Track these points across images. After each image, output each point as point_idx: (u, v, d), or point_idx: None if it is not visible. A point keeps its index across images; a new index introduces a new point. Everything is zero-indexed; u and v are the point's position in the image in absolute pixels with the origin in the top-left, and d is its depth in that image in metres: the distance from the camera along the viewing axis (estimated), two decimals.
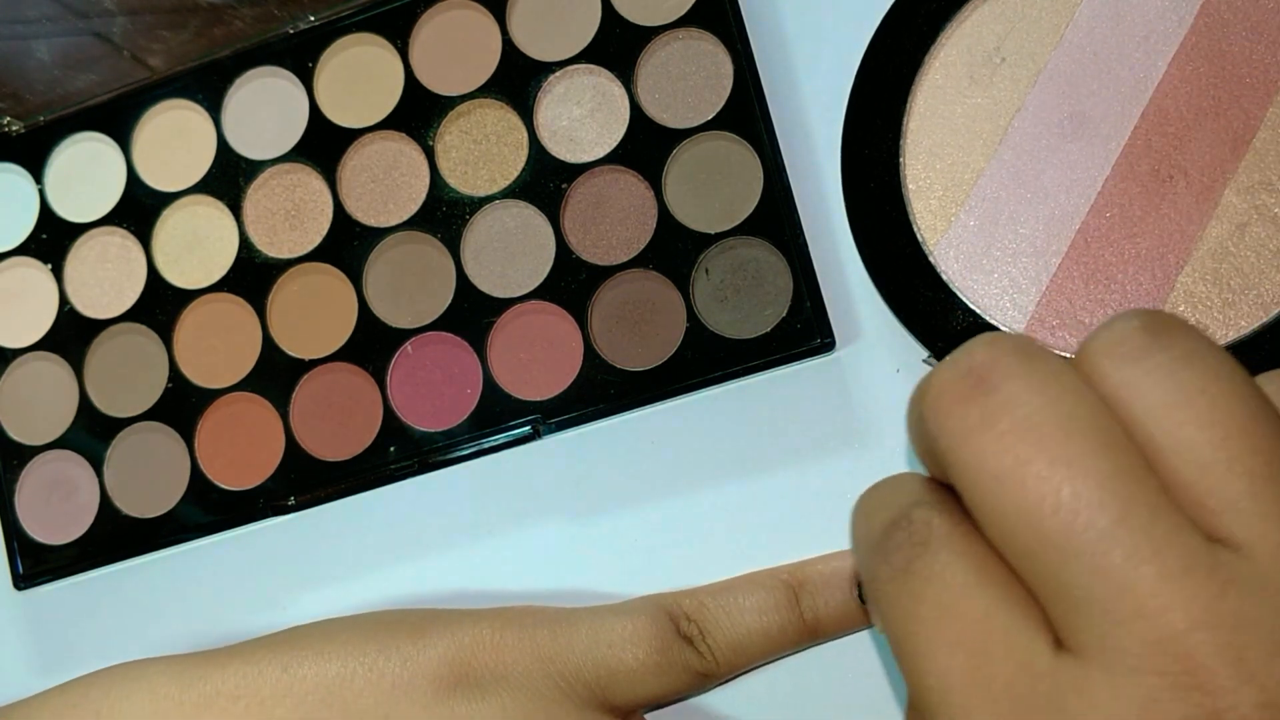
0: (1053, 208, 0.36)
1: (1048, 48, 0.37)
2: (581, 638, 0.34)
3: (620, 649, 0.33)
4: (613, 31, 0.40)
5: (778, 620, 0.34)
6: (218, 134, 0.43)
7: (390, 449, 0.41)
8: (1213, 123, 0.36)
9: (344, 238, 0.42)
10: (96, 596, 0.43)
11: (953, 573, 0.22)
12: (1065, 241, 0.36)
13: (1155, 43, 0.37)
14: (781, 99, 0.40)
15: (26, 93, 0.44)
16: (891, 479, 0.26)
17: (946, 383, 0.23)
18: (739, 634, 0.34)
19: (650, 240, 0.39)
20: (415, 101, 0.42)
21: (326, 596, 0.41)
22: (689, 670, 0.34)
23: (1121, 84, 0.37)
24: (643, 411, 0.39)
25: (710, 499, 0.39)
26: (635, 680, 0.33)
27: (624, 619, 0.34)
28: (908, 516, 0.23)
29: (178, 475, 0.42)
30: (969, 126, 0.37)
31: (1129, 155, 0.36)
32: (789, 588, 0.35)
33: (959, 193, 0.37)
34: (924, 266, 0.37)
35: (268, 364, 0.42)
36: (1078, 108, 0.37)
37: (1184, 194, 0.36)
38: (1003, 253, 0.37)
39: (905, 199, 0.37)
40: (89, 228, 0.44)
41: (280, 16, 0.43)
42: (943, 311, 0.36)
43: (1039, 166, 0.37)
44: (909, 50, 0.38)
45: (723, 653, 0.34)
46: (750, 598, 0.35)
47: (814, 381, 0.38)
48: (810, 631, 0.35)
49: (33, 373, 0.44)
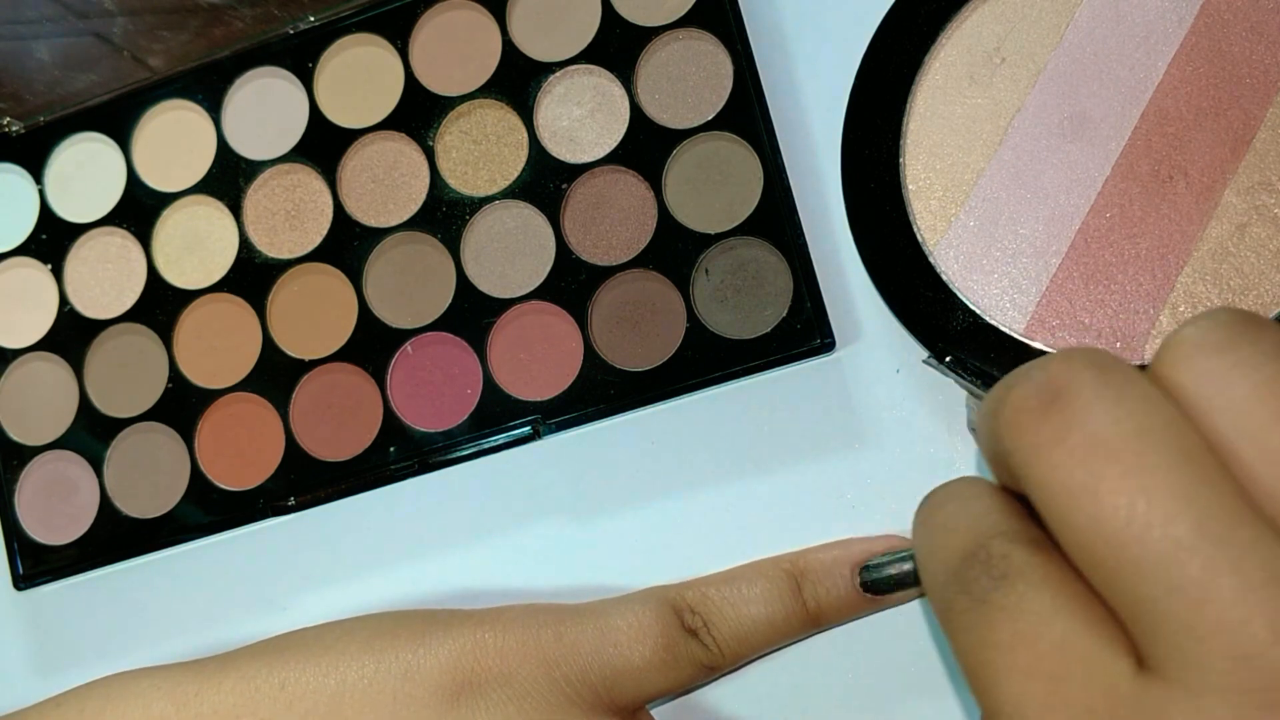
0: (1053, 208, 0.36)
1: (1048, 48, 0.37)
2: (586, 638, 0.33)
3: (626, 648, 0.33)
4: (613, 32, 0.40)
5: (781, 609, 0.34)
6: (218, 134, 0.43)
7: (390, 449, 0.41)
8: (1213, 123, 0.36)
9: (344, 238, 0.42)
10: (96, 596, 0.43)
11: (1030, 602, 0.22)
12: (1065, 242, 0.36)
13: (1155, 43, 0.37)
14: (781, 99, 0.40)
15: (26, 93, 0.44)
16: (959, 490, 0.26)
17: (1021, 399, 0.22)
18: (743, 624, 0.34)
19: (650, 240, 0.39)
20: (415, 102, 0.42)
21: (326, 596, 0.41)
22: (695, 663, 0.34)
23: (1121, 84, 0.37)
24: (643, 411, 0.39)
25: (710, 499, 0.39)
26: (641, 678, 0.33)
27: (628, 615, 0.34)
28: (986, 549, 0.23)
29: (178, 475, 0.42)
30: (969, 127, 0.37)
31: (1129, 156, 0.36)
32: (791, 576, 0.35)
33: (959, 193, 0.37)
34: (924, 267, 0.37)
35: (268, 364, 0.42)
36: (1078, 108, 0.37)
37: (1184, 194, 0.36)
38: (1003, 253, 0.37)
39: (905, 199, 0.37)
40: (89, 228, 0.44)
41: (280, 17, 0.43)
42: (943, 312, 0.36)
43: (1039, 167, 0.37)
44: (909, 50, 0.38)
45: (727, 644, 0.34)
46: (753, 587, 0.34)
47: (814, 381, 0.38)
48: (813, 619, 0.35)
49: (33, 373, 0.44)
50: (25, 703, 0.37)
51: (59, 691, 0.36)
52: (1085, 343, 0.35)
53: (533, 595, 0.39)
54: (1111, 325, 0.35)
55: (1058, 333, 0.36)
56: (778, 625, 0.34)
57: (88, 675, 0.43)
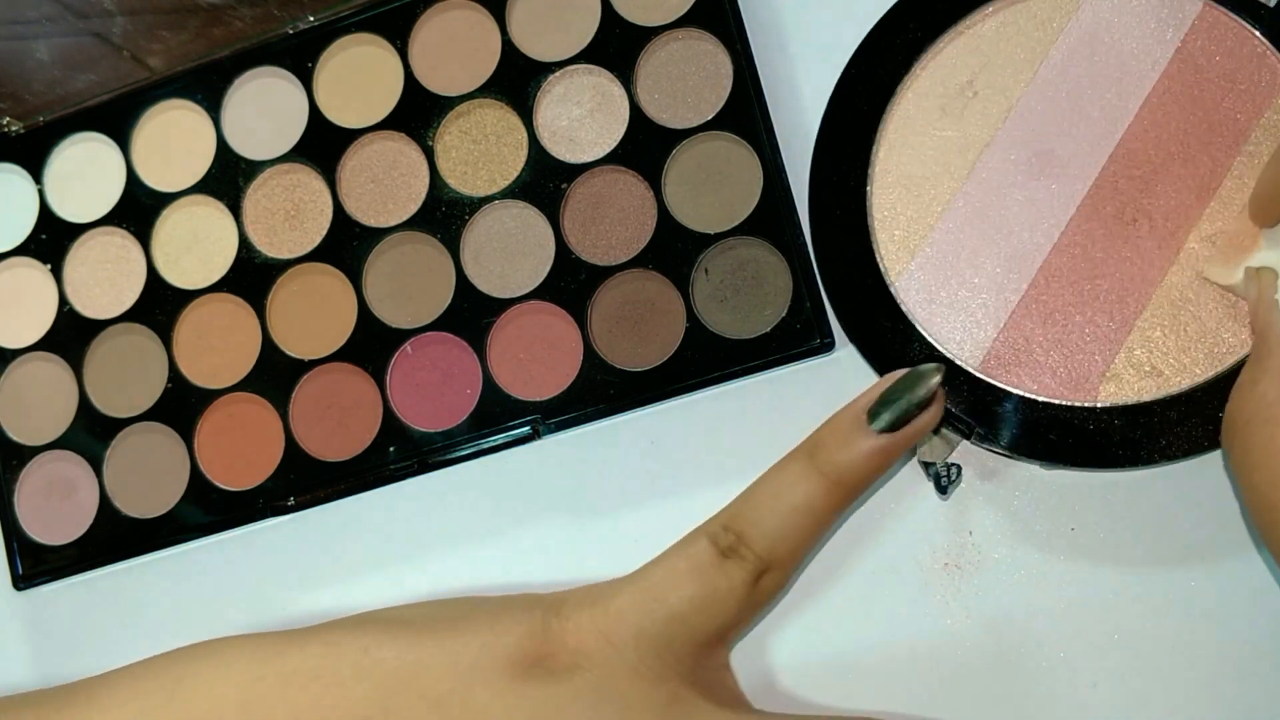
0: (1015, 245, 0.36)
1: (1021, 84, 0.37)
2: (631, 602, 0.34)
3: (665, 597, 0.33)
4: (612, 31, 0.40)
5: (804, 489, 0.33)
6: (217, 134, 0.43)
7: (390, 449, 0.41)
8: (1180, 169, 0.36)
9: (344, 238, 0.42)
10: (96, 596, 0.43)
11: None
12: (1026, 280, 0.36)
13: (1128, 85, 0.36)
14: (781, 99, 0.40)
15: (26, 93, 0.44)
16: None
17: None
18: (773, 521, 0.33)
19: (650, 240, 0.39)
20: (415, 101, 0.42)
21: (326, 596, 0.41)
22: (742, 582, 0.33)
23: (1092, 124, 0.36)
24: (643, 411, 0.39)
25: (710, 499, 0.38)
26: (691, 622, 0.33)
27: (665, 565, 0.34)
28: None
29: (177, 475, 0.42)
30: (938, 159, 0.37)
31: (1095, 196, 0.36)
32: (806, 455, 0.34)
33: (924, 225, 0.37)
34: (884, 296, 0.37)
35: (268, 364, 0.42)
36: (1047, 146, 0.37)
37: (1147, 238, 0.36)
38: (963, 287, 0.37)
39: (870, 228, 0.37)
40: (89, 228, 0.44)
41: (280, 17, 0.43)
42: (901, 342, 0.36)
43: (1005, 203, 0.37)
44: (883, 79, 0.38)
45: (765, 547, 0.33)
46: (773, 480, 0.34)
47: (814, 381, 0.38)
48: (838, 485, 0.34)
49: (33, 373, 0.44)
50: None
51: None
52: (1040, 380, 0.35)
53: None
54: (1066, 365, 0.35)
55: (1013, 369, 0.36)
56: (806, 507, 0.33)
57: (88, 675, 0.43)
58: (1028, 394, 0.35)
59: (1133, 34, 0.37)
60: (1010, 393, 0.35)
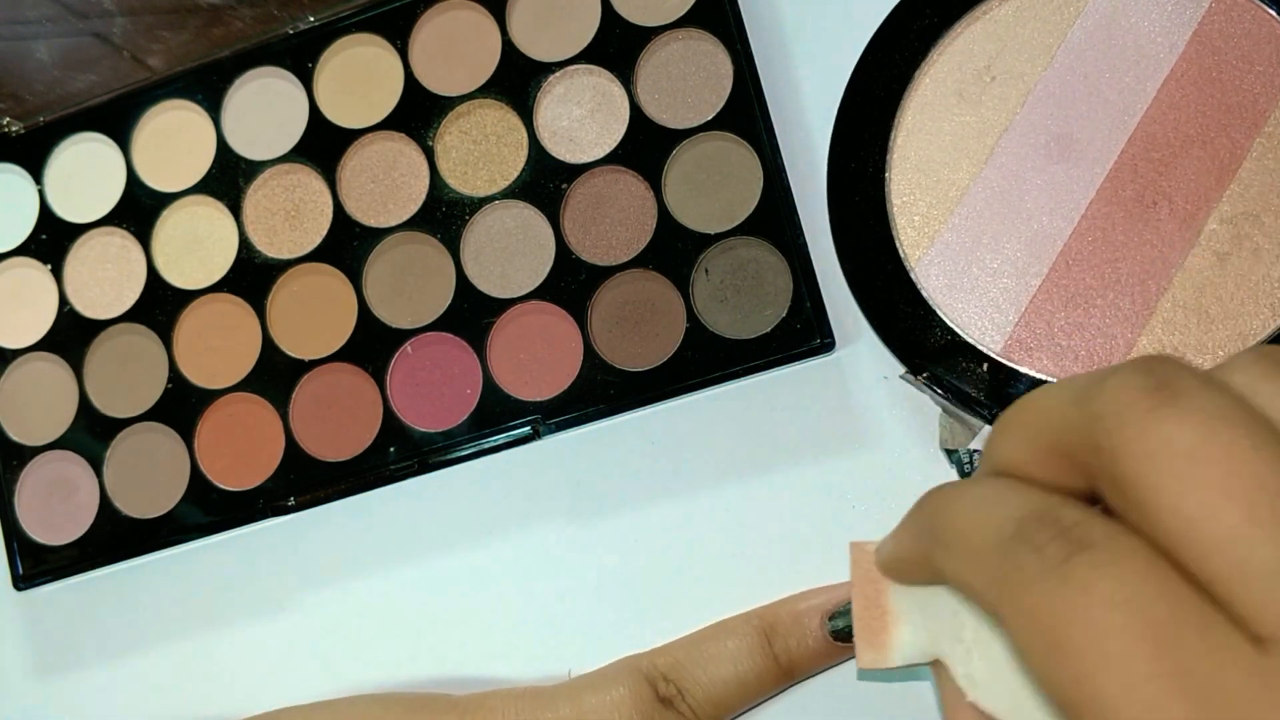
0: (1035, 229, 0.36)
1: (1038, 68, 0.37)
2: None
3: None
4: (613, 32, 0.40)
5: (753, 666, 0.34)
6: (218, 134, 0.43)
7: (390, 449, 0.41)
8: (1199, 150, 0.36)
9: (344, 238, 0.42)
10: (96, 596, 0.43)
11: (1128, 569, 0.21)
12: (1046, 263, 0.36)
13: (1146, 67, 0.36)
14: (781, 99, 0.40)
15: (26, 93, 0.44)
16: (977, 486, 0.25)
17: (1124, 380, 0.22)
18: (717, 686, 0.34)
19: (650, 240, 0.39)
20: (415, 102, 0.42)
21: (326, 597, 0.41)
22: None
23: (1110, 107, 0.36)
24: (643, 411, 0.39)
25: (710, 499, 0.39)
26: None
27: (601, 695, 0.34)
28: (1053, 515, 0.22)
29: (177, 475, 0.42)
30: (956, 144, 0.37)
31: (1114, 179, 0.36)
32: (760, 632, 0.35)
33: (943, 210, 0.37)
34: (905, 282, 0.37)
35: (268, 364, 0.42)
36: (1065, 129, 0.37)
37: (1167, 221, 0.35)
38: (983, 272, 0.36)
39: (889, 214, 0.37)
40: (89, 228, 0.44)
41: (280, 17, 0.43)
42: (921, 328, 0.36)
43: (1024, 187, 0.37)
44: (900, 65, 0.38)
45: (704, 708, 0.34)
46: (724, 647, 0.35)
47: (814, 381, 0.38)
48: (786, 673, 0.35)
49: (33, 373, 0.44)
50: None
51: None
52: (1063, 364, 0.35)
53: (532, 595, 0.39)
54: (1089, 348, 0.35)
55: (1035, 354, 0.36)
56: (752, 682, 0.34)
57: (88, 675, 0.43)
58: (1050, 377, 0.35)
59: (1150, 16, 0.37)
60: (1033, 377, 0.35)
